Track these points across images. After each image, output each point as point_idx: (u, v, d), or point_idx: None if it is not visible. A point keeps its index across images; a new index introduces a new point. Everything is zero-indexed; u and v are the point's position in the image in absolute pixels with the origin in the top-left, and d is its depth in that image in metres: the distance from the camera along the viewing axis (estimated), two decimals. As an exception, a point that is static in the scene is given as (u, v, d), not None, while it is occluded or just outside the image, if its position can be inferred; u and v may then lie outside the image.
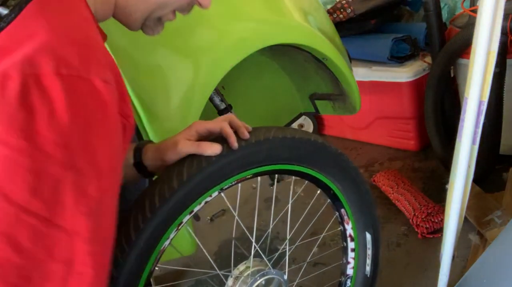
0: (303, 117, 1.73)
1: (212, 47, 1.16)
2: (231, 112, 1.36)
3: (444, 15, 2.21)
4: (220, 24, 1.20)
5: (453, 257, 1.20)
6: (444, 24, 1.94)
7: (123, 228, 0.77)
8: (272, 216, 1.22)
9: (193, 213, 0.85)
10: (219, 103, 1.35)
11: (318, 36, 1.46)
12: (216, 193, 0.87)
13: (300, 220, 1.24)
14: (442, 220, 1.61)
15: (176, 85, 1.12)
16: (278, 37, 1.28)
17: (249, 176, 0.91)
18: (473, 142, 1.04)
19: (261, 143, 0.87)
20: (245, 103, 1.67)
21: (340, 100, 1.73)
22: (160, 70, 1.11)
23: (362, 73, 2.21)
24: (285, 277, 1.01)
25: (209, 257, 1.06)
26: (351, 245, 1.15)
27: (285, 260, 1.08)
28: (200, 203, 0.85)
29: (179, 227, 0.83)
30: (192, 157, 0.82)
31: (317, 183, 1.05)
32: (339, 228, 1.16)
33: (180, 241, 1.15)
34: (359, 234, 1.14)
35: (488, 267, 1.17)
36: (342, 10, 2.19)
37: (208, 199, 0.86)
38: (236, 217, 1.08)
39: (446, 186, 1.21)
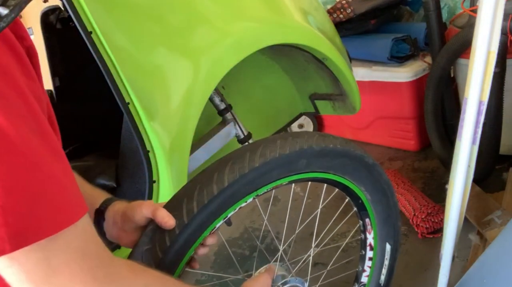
0: (303, 117, 1.73)
1: (212, 47, 1.16)
2: (231, 112, 1.36)
3: (444, 15, 2.21)
4: (221, 24, 1.20)
5: (453, 257, 1.20)
6: (444, 24, 1.94)
7: (158, 232, 0.75)
8: (298, 221, 1.19)
9: (226, 219, 0.83)
10: (219, 103, 1.35)
11: (318, 36, 1.46)
12: (251, 199, 0.86)
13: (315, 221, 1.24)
14: (442, 220, 1.61)
15: (176, 85, 1.12)
16: (278, 37, 1.28)
17: (285, 183, 0.90)
18: (473, 142, 1.04)
19: (304, 151, 0.86)
20: (245, 103, 1.67)
21: (340, 100, 1.73)
22: (160, 70, 1.11)
23: (362, 73, 2.21)
24: (306, 285, 0.98)
25: (235, 259, 1.04)
26: (369, 254, 1.15)
27: (305, 264, 1.04)
28: (235, 209, 0.83)
29: (211, 232, 0.82)
30: (233, 164, 0.80)
31: (347, 191, 1.05)
32: (360, 237, 1.15)
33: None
34: (379, 244, 1.14)
35: (488, 267, 1.17)
36: (342, 10, 2.19)
37: (243, 204, 0.85)
38: (265, 221, 1.05)
39: (446, 186, 1.21)
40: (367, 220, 1.11)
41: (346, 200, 1.08)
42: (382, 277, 1.17)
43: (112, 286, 0.53)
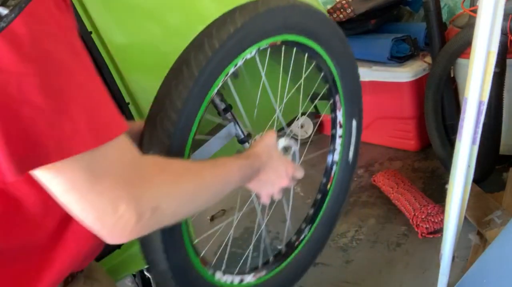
0: (303, 117, 1.72)
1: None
2: (231, 112, 1.36)
3: (444, 15, 2.21)
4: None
5: (453, 257, 1.21)
6: (444, 24, 1.94)
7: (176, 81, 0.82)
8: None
9: (234, 69, 0.90)
10: (219, 103, 1.35)
11: (318, 36, 1.45)
12: (254, 51, 0.93)
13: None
14: (442, 220, 1.61)
15: (176, 85, 1.12)
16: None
17: (278, 42, 0.98)
18: (473, 142, 1.04)
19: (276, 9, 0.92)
20: (245, 103, 1.67)
21: (340, 100, 1.73)
22: (160, 70, 1.11)
23: (362, 73, 2.18)
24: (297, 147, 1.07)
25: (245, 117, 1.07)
26: (339, 131, 1.23)
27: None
28: (242, 58, 0.91)
29: (226, 78, 0.89)
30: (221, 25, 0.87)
31: (322, 66, 1.12)
32: (331, 115, 1.23)
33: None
34: (347, 122, 1.22)
35: (488, 267, 1.17)
36: (342, 10, 2.19)
37: (248, 56, 0.92)
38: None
39: (446, 186, 1.21)
40: (337, 97, 1.19)
41: (321, 74, 1.15)
42: (350, 154, 1.24)
43: (145, 187, 0.58)
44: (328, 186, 1.24)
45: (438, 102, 1.93)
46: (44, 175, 0.52)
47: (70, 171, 0.52)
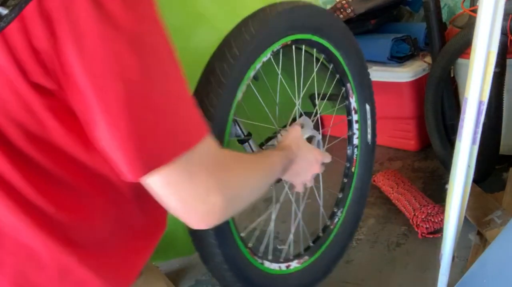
0: (303, 117, 1.72)
1: (212, 48, 1.16)
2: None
3: (444, 15, 2.21)
4: (220, 24, 1.20)
5: (453, 257, 1.20)
6: (444, 24, 1.94)
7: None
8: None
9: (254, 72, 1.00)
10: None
11: (318, 36, 1.45)
12: (269, 55, 1.05)
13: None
14: (442, 220, 1.61)
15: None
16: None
17: (289, 42, 1.08)
18: (473, 142, 1.04)
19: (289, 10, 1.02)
20: (245, 103, 1.67)
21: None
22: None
23: (362, 73, 2.21)
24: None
25: (270, 115, 1.15)
26: (355, 117, 1.35)
27: None
28: (260, 62, 1.01)
29: (248, 81, 1.00)
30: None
31: (330, 58, 1.23)
32: (345, 103, 1.34)
33: (181, 242, 1.15)
34: (360, 106, 1.34)
35: (488, 267, 1.17)
36: (342, 10, 2.18)
37: (265, 59, 1.03)
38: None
39: (446, 186, 1.21)
40: (348, 85, 1.31)
41: (330, 67, 1.25)
42: (369, 137, 1.39)
43: (229, 177, 0.65)
44: (353, 169, 1.36)
45: (438, 102, 1.93)
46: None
47: (170, 168, 0.57)
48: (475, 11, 1.39)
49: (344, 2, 2.19)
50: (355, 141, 1.36)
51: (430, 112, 1.93)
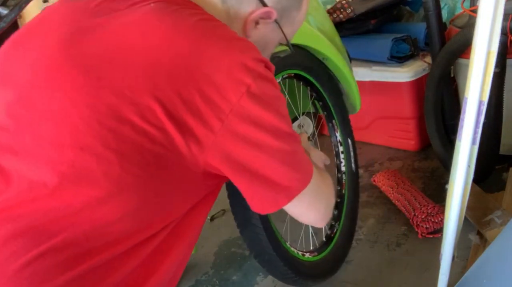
0: (303, 117, 1.73)
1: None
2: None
3: (444, 15, 2.21)
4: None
5: (453, 257, 1.20)
6: (444, 24, 1.94)
7: None
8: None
9: None
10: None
11: (318, 36, 1.46)
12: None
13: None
14: (442, 220, 1.61)
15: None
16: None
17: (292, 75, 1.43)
18: (473, 142, 1.04)
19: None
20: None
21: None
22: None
23: (362, 73, 2.21)
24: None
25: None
26: (341, 148, 1.63)
27: None
28: None
29: None
30: None
31: (319, 98, 1.57)
32: (331, 138, 1.63)
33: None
34: (344, 140, 1.62)
35: (488, 267, 1.17)
36: (342, 10, 2.18)
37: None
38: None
39: (446, 186, 1.21)
40: (333, 121, 1.61)
41: (320, 104, 1.60)
42: (353, 165, 1.65)
43: (325, 192, 0.87)
44: (343, 191, 1.62)
45: (438, 102, 1.93)
46: None
47: (301, 194, 0.77)
48: (475, 11, 1.39)
49: (344, 2, 2.18)
50: (343, 168, 1.63)
51: (430, 112, 1.93)
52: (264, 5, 0.79)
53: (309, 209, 0.83)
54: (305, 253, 1.44)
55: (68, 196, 0.65)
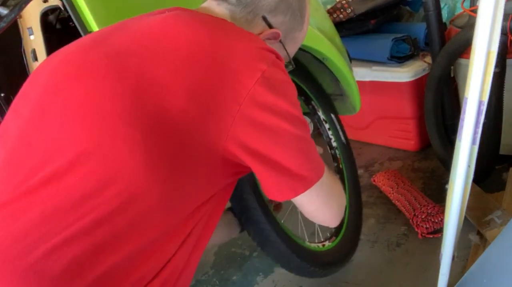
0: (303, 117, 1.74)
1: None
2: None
3: (444, 15, 2.21)
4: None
5: (453, 257, 1.20)
6: (444, 24, 1.94)
7: None
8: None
9: None
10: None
11: (318, 36, 1.46)
12: None
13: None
14: (442, 220, 1.61)
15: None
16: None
17: None
18: (473, 142, 1.04)
19: None
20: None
21: (340, 100, 1.73)
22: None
23: (362, 73, 2.21)
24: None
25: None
26: (326, 126, 1.64)
27: None
28: None
29: None
30: None
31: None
32: (315, 117, 1.63)
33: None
34: (327, 116, 1.63)
35: (488, 267, 1.17)
36: (342, 10, 2.19)
37: None
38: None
39: (446, 186, 1.21)
40: (312, 102, 1.61)
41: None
42: (342, 138, 1.66)
43: (337, 192, 0.91)
44: (340, 165, 1.64)
45: (438, 102, 1.93)
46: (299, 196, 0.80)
47: (316, 188, 0.80)
48: (475, 11, 1.39)
49: (344, 2, 2.19)
50: (334, 143, 1.65)
51: (430, 112, 1.93)
52: (271, 27, 0.85)
53: (324, 206, 0.85)
54: (324, 243, 1.47)
55: (95, 175, 0.67)
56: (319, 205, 0.85)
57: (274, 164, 0.74)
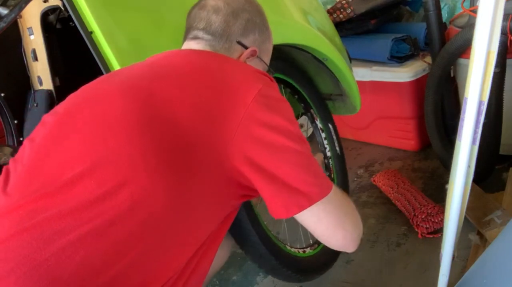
0: (303, 117, 1.73)
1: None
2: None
3: (444, 15, 2.21)
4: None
5: (453, 257, 1.20)
6: (444, 24, 1.94)
7: None
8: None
9: None
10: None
11: (318, 36, 1.46)
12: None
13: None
14: (442, 220, 1.61)
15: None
16: (278, 37, 1.28)
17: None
18: (473, 142, 1.03)
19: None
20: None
21: (340, 100, 1.73)
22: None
23: (362, 73, 2.21)
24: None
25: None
26: (323, 135, 1.66)
27: None
28: None
29: None
30: None
31: (294, 92, 1.60)
32: (313, 125, 1.66)
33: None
34: (324, 125, 1.65)
35: (488, 267, 1.17)
36: (342, 10, 2.19)
37: None
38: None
39: (446, 186, 1.21)
40: (311, 110, 1.63)
41: (295, 98, 1.62)
42: (337, 149, 1.68)
43: (350, 212, 0.89)
44: (332, 175, 1.65)
45: (438, 102, 1.93)
46: (305, 214, 0.81)
47: (323, 209, 0.81)
48: (475, 11, 1.39)
49: (344, 2, 2.19)
50: (328, 153, 1.67)
51: (430, 112, 1.93)
52: (246, 47, 0.96)
53: (334, 226, 0.84)
54: (305, 249, 1.46)
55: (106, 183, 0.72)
56: (329, 225, 0.83)
57: (275, 179, 0.77)
